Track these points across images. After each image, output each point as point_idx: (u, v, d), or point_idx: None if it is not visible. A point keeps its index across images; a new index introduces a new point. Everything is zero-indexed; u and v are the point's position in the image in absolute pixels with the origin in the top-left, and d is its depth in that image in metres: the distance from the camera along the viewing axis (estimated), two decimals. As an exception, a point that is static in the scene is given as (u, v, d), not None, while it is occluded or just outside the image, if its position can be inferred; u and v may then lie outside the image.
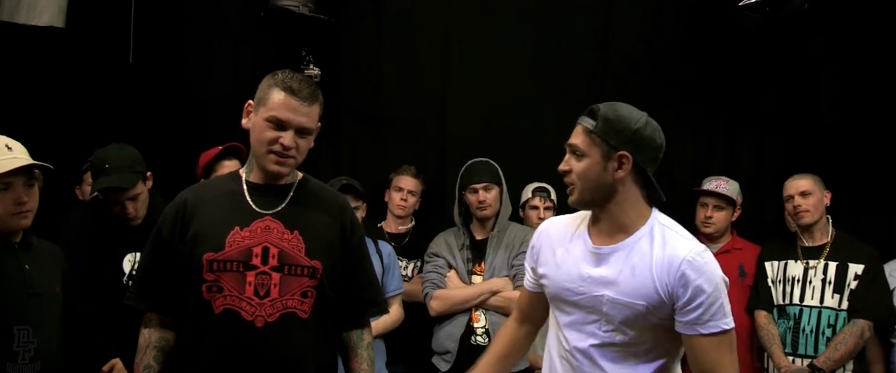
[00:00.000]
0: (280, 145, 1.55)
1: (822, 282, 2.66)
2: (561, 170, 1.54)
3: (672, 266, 1.44)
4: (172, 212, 1.63)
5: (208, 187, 1.72)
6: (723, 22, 3.21)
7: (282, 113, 1.55)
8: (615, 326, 1.49)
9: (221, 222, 1.58)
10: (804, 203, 2.69)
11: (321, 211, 1.65)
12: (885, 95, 3.08)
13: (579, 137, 1.52)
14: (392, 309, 2.67)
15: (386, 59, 3.38)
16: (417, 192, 3.01)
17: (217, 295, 1.54)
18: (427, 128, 3.36)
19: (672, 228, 1.52)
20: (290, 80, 1.58)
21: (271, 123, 1.55)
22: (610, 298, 1.48)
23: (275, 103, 1.55)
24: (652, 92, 3.27)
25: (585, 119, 1.53)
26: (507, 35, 3.32)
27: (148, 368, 1.60)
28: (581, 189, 1.51)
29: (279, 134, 1.56)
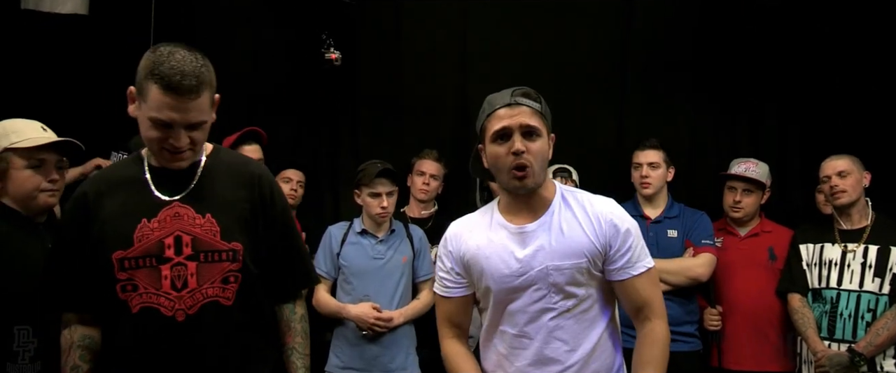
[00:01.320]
0: (170, 145, 1.42)
1: (862, 265, 2.57)
2: (517, 149, 1.51)
3: (601, 218, 1.57)
4: (72, 209, 1.50)
5: (108, 177, 1.54)
6: (745, 2, 3.11)
7: (165, 114, 1.37)
8: (564, 292, 1.55)
9: (126, 216, 1.45)
10: (841, 183, 2.60)
11: (234, 186, 1.52)
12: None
13: (534, 118, 1.54)
14: (423, 294, 2.67)
15: (406, 42, 3.36)
16: (440, 176, 2.98)
17: (133, 294, 1.44)
18: (447, 112, 3.34)
19: (579, 192, 1.64)
20: (169, 70, 1.35)
21: (155, 123, 1.40)
22: (554, 266, 1.54)
23: (154, 103, 1.37)
24: (674, 75, 3.21)
25: (530, 101, 1.55)
26: (527, 18, 3.28)
27: (76, 368, 1.49)
28: (537, 171, 1.53)
29: (166, 134, 1.41)
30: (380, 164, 2.58)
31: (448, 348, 1.70)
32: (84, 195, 1.49)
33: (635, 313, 1.61)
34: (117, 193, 1.48)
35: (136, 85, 1.41)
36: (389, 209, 2.57)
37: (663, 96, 3.22)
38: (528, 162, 1.51)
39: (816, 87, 3.12)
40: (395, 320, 2.54)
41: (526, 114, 1.53)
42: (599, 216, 1.57)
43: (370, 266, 2.59)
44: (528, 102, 1.55)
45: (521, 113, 1.53)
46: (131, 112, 1.45)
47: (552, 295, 1.55)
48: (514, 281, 1.56)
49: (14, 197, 1.86)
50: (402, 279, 2.62)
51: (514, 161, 1.51)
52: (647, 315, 1.59)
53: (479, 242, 1.61)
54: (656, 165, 2.80)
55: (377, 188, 2.53)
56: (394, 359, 2.54)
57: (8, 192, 1.86)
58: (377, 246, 2.62)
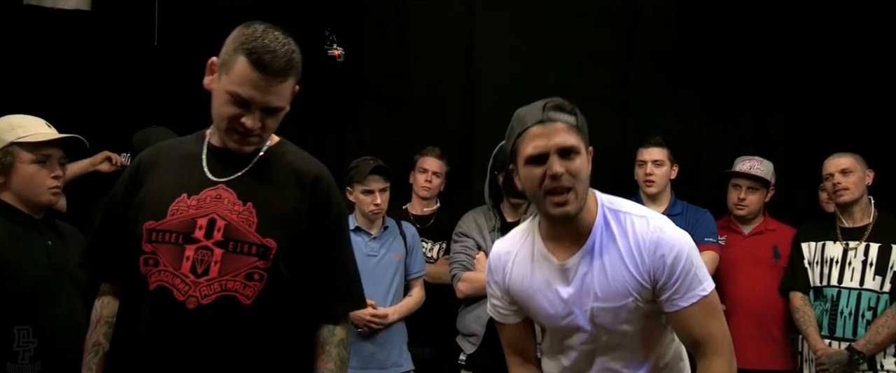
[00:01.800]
0: (242, 125, 1.33)
1: (863, 263, 2.57)
2: (555, 172, 1.32)
3: (644, 251, 1.38)
4: (127, 173, 1.46)
5: (167, 148, 1.48)
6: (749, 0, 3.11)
7: (246, 91, 1.29)
8: (614, 329, 1.43)
9: (169, 188, 1.37)
10: (844, 181, 2.60)
11: (288, 182, 1.40)
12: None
13: (571, 135, 1.35)
14: (415, 291, 2.67)
15: (409, 38, 3.35)
16: (442, 173, 2.98)
17: (153, 269, 1.34)
18: (451, 109, 3.33)
19: (621, 209, 1.44)
20: (262, 48, 1.29)
21: (233, 99, 1.31)
22: (599, 308, 1.41)
23: (239, 76, 1.29)
24: (678, 73, 3.20)
25: (561, 115, 1.36)
26: (532, 15, 3.26)
27: (97, 346, 1.41)
28: (581, 194, 1.35)
29: (241, 112, 1.31)
30: (372, 160, 2.57)
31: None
32: (139, 162, 1.45)
33: (692, 348, 1.43)
34: (169, 166, 1.41)
35: (220, 56, 1.34)
36: (382, 206, 2.57)
37: (668, 94, 3.22)
38: (571, 184, 1.33)
39: (820, 86, 3.11)
40: (390, 316, 2.54)
41: (562, 131, 1.34)
42: (642, 247, 1.38)
43: (364, 264, 2.55)
44: (563, 116, 1.36)
45: (555, 130, 1.34)
46: (207, 84, 1.37)
47: (602, 333, 1.44)
48: (560, 322, 1.46)
49: (18, 192, 1.85)
50: (395, 276, 2.62)
51: (553, 185, 1.33)
52: (703, 351, 1.40)
53: (523, 275, 1.47)
54: (660, 163, 2.80)
55: (370, 185, 2.52)
56: (389, 356, 2.55)
57: (11, 187, 1.85)
58: (371, 243, 2.61)
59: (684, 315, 1.39)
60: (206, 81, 1.37)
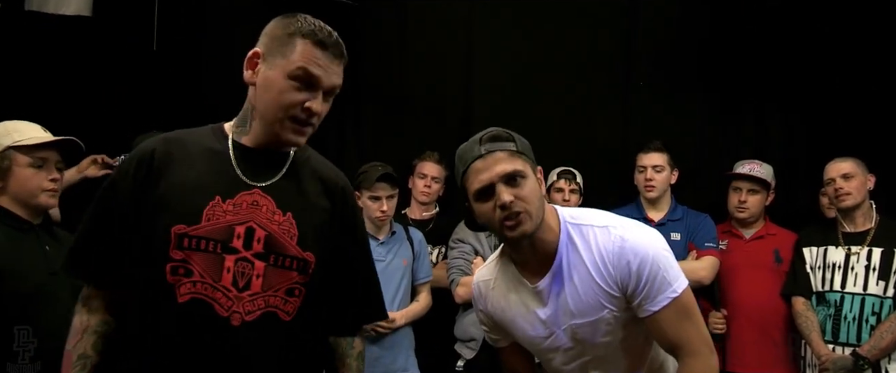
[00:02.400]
0: (306, 111, 1.24)
1: (866, 268, 2.56)
2: (505, 202, 1.32)
3: (609, 261, 1.38)
4: (135, 164, 1.27)
5: (182, 140, 1.32)
6: (750, 2, 3.10)
7: (314, 68, 1.23)
8: (596, 342, 1.45)
9: (199, 188, 1.24)
10: (846, 186, 2.58)
11: (318, 191, 1.34)
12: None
13: (513, 161, 1.34)
14: (421, 296, 2.68)
15: (409, 44, 3.36)
16: (441, 178, 2.98)
17: (184, 279, 1.21)
18: (450, 113, 3.33)
19: (584, 222, 1.43)
20: (319, 30, 1.26)
21: (297, 82, 1.23)
22: (577, 325, 1.42)
23: (303, 56, 1.23)
24: (679, 74, 3.20)
25: (500, 144, 1.36)
26: (532, 19, 3.27)
27: (84, 358, 1.26)
28: (534, 214, 1.35)
29: (306, 96, 1.24)
30: (381, 167, 2.57)
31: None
32: (151, 153, 1.27)
33: (671, 352, 1.42)
34: (193, 161, 1.27)
35: (264, 46, 1.27)
36: (389, 213, 2.58)
37: (668, 98, 3.21)
38: (522, 208, 1.34)
39: (820, 89, 3.11)
40: (398, 321, 2.54)
41: (502, 160, 1.34)
42: (606, 258, 1.38)
43: None
44: (501, 144, 1.36)
45: (496, 161, 1.34)
46: (249, 78, 1.28)
47: (584, 348, 1.46)
48: (543, 343, 1.48)
49: (15, 196, 1.86)
50: (402, 282, 2.62)
51: (504, 214, 1.33)
52: (681, 354, 1.39)
53: (502, 302, 1.50)
54: (660, 168, 2.80)
55: (377, 192, 2.53)
56: (395, 360, 2.55)
57: (9, 191, 1.86)
58: (378, 248, 2.61)
59: (657, 319, 1.38)
60: (248, 76, 1.28)
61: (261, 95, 1.27)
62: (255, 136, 1.30)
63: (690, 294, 1.41)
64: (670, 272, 1.39)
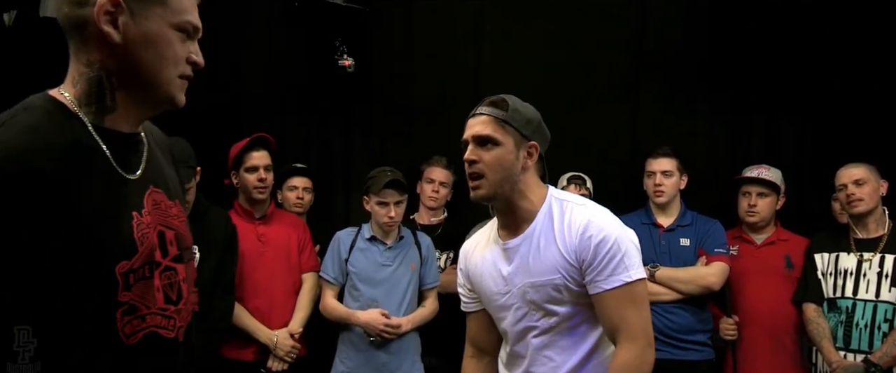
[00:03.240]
0: (195, 63, 1.06)
1: (878, 275, 2.53)
2: (467, 159, 1.47)
3: (573, 230, 1.45)
4: (14, 193, 0.88)
5: (49, 143, 0.94)
6: (763, 5, 3.09)
7: (195, 18, 1.05)
8: (544, 310, 1.49)
9: (114, 207, 0.98)
10: (858, 192, 2.56)
11: (171, 162, 1.18)
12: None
13: (490, 127, 1.47)
14: (428, 302, 2.68)
15: (418, 48, 3.37)
16: (449, 183, 2.98)
17: (132, 319, 0.99)
18: (459, 118, 3.30)
19: (569, 200, 1.53)
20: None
21: (181, 33, 1.03)
22: (529, 283, 1.48)
23: (184, 3, 1.03)
24: (689, 78, 3.19)
25: (491, 109, 1.49)
26: (540, 22, 3.27)
27: None
28: (492, 181, 1.46)
29: (190, 48, 1.05)
30: (390, 172, 2.58)
31: (463, 366, 1.70)
32: (40, 173, 0.90)
33: (611, 335, 1.47)
34: (82, 171, 0.95)
35: (124, 2, 0.98)
36: (397, 218, 2.58)
37: (678, 103, 3.20)
38: (480, 171, 1.46)
39: (832, 94, 3.08)
40: (404, 326, 2.55)
41: (482, 122, 1.48)
42: (572, 228, 1.46)
43: (378, 273, 2.60)
44: (490, 110, 1.49)
45: (478, 122, 1.49)
46: (112, 36, 0.98)
47: (532, 313, 1.50)
48: (499, 299, 1.54)
49: None
50: (409, 287, 2.63)
51: (468, 170, 1.49)
52: (618, 337, 1.44)
53: (477, 261, 1.60)
54: (669, 174, 2.79)
55: (385, 198, 2.54)
56: (400, 366, 2.55)
57: None
58: (386, 253, 2.62)
59: (605, 297, 1.43)
60: (109, 32, 0.98)
61: (139, 54, 0.99)
62: (127, 112, 1.02)
63: (645, 288, 1.48)
64: (629, 259, 1.45)
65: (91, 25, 0.98)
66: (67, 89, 1.02)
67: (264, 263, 2.62)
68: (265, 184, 2.65)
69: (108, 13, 0.98)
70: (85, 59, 1.01)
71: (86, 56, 1.00)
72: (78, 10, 0.98)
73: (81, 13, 0.98)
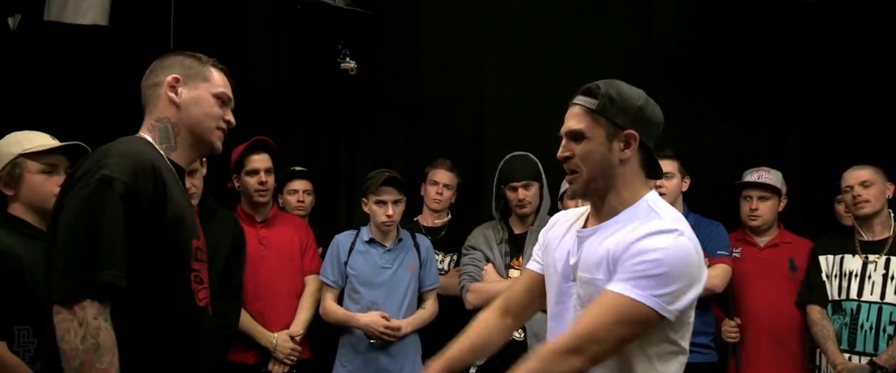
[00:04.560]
0: (227, 122, 1.55)
1: (884, 277, 2.52)
2: (561, 156, 1.43)
3: (635, 234, 1.30)
4: (148, 176, 1.35)
5: (153, 157, 1.43)
6: (768, 6, 3.08)
7: (229, 92, 1.56)
8: (586, 307, 1.37)
9: (187, 205, 1.49)
10: (864, 193, 2.55)
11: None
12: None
13: (579, 119, 1.40)
14: (428, 304, 2.67)
15: (422, 51, 3.37)
16: (453, 185, 2.98)
17: (200, 287, 1.45)
18: (463, 121, 3.34)
19: (657, 210, 1.36)
20: (217, 62, 1.58)
21: (219, 100, 1.53)
22: (582, 277, 1.39)
23: (217, 80, 1.54)
24: (694, 80, 3.18)
25: (583, 99, 1.41)
26: (545, 25, 3.27)
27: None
28: (587, 175, 1.38)
29: (225, 111, 1.55)
30: (387, 172, 2.58)
31: (480, 315, 1.61)
32: (156, 169, 1.37)
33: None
34: (173, 181, 1.45)
35: (182, 75, 1.51)
36: (395, 218, 2.57)
37: (682, 105, 3.19)
38: (576, 167, 1.40)
39: (836, 96, 3.08)
40: (404, 328, 2.55)
41: (573, 116, 1.42)
42: (637, 232, 1.31)
43: (378, 275, 2.60)
44: (583, 99, 1.41)
45: (571, 115, 1.43)
46: (171, 98, 1.49)
47: (578, 307, 1.40)
48: (562, 285, 1.44)
49: (28, 202, 1.90)
50: (408, 289, 2.62)
51: (564, 166, 1.44)
52: (568, 329, 1.34)
53: (559, 232, 1.52)
54: (671, 175, 2.78)
55: (383, 196, 2.54)
56: (401, 368, 2.55)
57: (21, 198, 1.90)
58: (385, 255, 2.62)
59: (599, 295, 1.30)
60: (171, 95, 1.49)
61: (190, 111, 1.50)
62: (183, 151, 1.52)
63: (638, 315, 1.27)
64: (657, 286, 1.26)
65: (162, 93, 1.50)
66: (145, 133, 1.51)
67: (266, 266, 2.63)
68: (266, 187, 2.65)
69: (171, 86, 1.50)
70: (156, 114, 1.50)
71: (156, 114, 1.50)
72: (153, 89, 1.51)
73: (154, 90, 1.51)
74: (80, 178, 1.33)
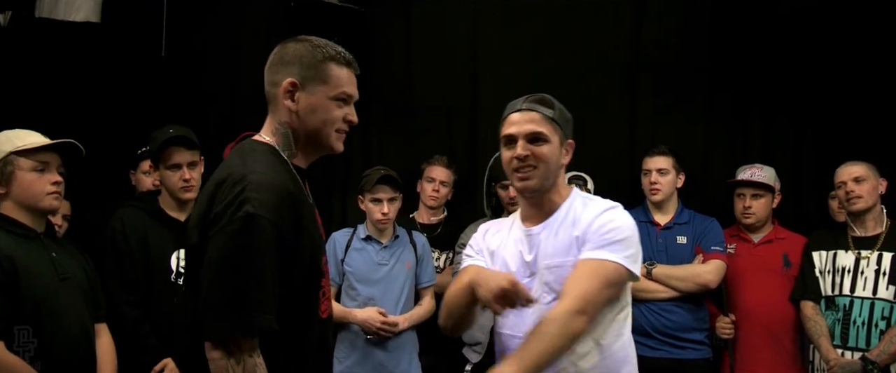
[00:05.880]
0: (348, 122, 1.46)
1: (876, 273, 2.54)
2: (520, 155, 1.53)
3: (590, 213, 1.53)
4: (289, 209, 1.34)
5: (283, 174, 1.41)
6: (759, 6, 3.10)
7: (350, 89, 1.45)
8: (555, 292, 1.51)
9: (313, 218, 1.45)
10: (857, 189, 2.57)
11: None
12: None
13: (539, 124, 1.55)
14: (425, 300, 2.68)
15: (416, 48, 3.37)
16: (449, 182, 2.98)
17: (324, 300, 1.47)
18: (458, 118, 3.34)
19: (591, 198, 1.62)
20: (344, 52, 1.46)
21: (340, 101, 1.44)
22: (545, 265, 1.53)
23: (342, 78, 1.43)
24: (686, 78, 3.19)
25: (538, 107, 1.57)
26: (538, 23, 3.27)
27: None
28: (543, 174, 1.54)
29: (347, 110, 1.46)
30: (383, 170, 2.59)
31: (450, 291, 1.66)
32: (290, 195, 1.36)
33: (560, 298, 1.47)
34: (299, 192, 1.41)
35: (299, 75, 1.41)
36: (390, 215, 2.59)
37: (676, 103, 3.20)
38: (534, 163, 1.54)
39: (830, 93, 3.09)
40: (401, 325, 2.56)
41: (534, 120, 1.55)
42: (590, 211, 1.54)
43: (374, 272, 2.61)
44: (540, 107, 1.57)
45: (529, 119, 1.55)
46: (290, 107, 1.41)
47: (544, 295, 1.53)
48: (520, 280, 1.52)
49: (20, 200, 1.89)
50: (405, 285, 2.63)
51: (518, 165, 1.55)
52: (560, 298, 1.44)
53: (499, 239, 1.65)
54: (665, 172, 2.79)
55: (378, 194, 2.55)
56: (398, 364, 2.57)
57: (12, 196, 1.89)
58: (381, 252, 2.63)
59: (577, 265, 1.48)
60: (289, 104, 1.42)
61: (308, 119, 1.44)
62: (305, 156, 1.49)
63: (618, 276, 1.48)
64: (624, 249, 1.49)
65: (280, 97, 1.43)
66: (268, 135, 1.46)
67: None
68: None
69: (287, 91, 1.42)
70: (278, 118, 1.45)
71: (278, 117, 1.45)
72: (273, 89, 1.44)
73: (274, 91, 1.44)
74: (223, 212, 1.29)
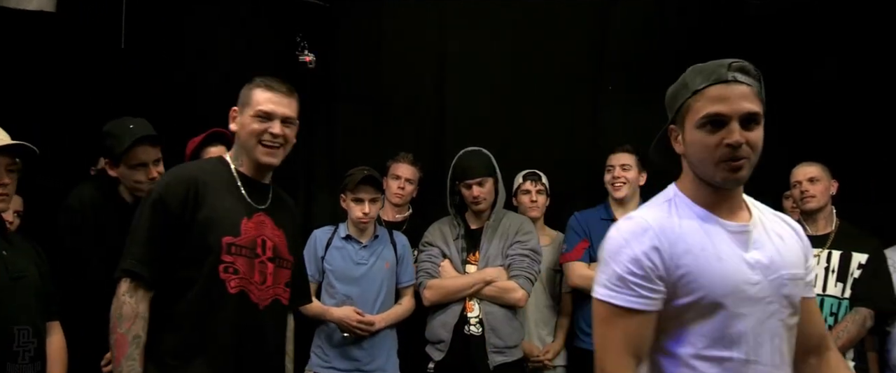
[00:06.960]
0: (269, 134, 1.73)
1: (826, 270, 2.64)
2: (735, 141, 1.18)
3: (795, 228, 1.33)
4: (182, 187, 1.68)
5: (207, 171, 1.77)
6: (723, 9, 3.17)
7: (266, 106, 1.74)
8: (794, 307, 1.26)
9: (232, 209, 1.72)
10: (812, 189, 2.67)
11: (290, 213, 1.91)
12: (886, 84, 3.04)
13: (756, 102, 1.21)
14: (404, 300, 2.70)
15: (383, 45, 3.35)
16: (415, 179, 2.97)
17: (233, 276, 1.67)
18: (424, 115, 3.34)
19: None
20: (268, 79, 1.77)
21: (259, 118, 1.73)
22: (789, 274, 1.24)
23: (259, 100, 1.74)
24: (650, 76, 3.22)
25: (747, 78, 1.22)
26: (505, 21, 3.30)
27: (137, 338, 1.62)
28: (753, 165, 1.22)
29: (267, 125, 1.73)
30: (367, 170, 2.61)
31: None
32: (195, 180, 1.70)
33: (812, 345, 1.34)
34: (219, 189, 1.73)
35: (238, 105, 1.78)
36: (372, 215, 2.60)
37: (640, 103, 3.25)
38: (747, 154, 1.20)
39: (787, 96, 3.18)
40: (377, 324, 2.56)
41: (747, 96, 1.20)
42: (794, 225, 1.34)
43: (353, 271, 2.62)
44: (749, 80, 1.22)
45: (741, 95, 1.19)
46: (233, 129, 1.80)
47: (782, 310, 1.24)
48: (750, 290, 1.21)
49: None
50: (384, 285, 2.64)
51: (730, 154, 1.19)
52: (826, 346, 1.37)
53: (698, 240, 1.22)
54: (628, 167, 2.83)
55: (360, 194, 2.57)
56: (373, 360, 2.58)
57: None
58: (361, 251, 2.64)
59: (810, 305, 1.34)
60: (232, 127, 1.79)
61: (240, 135, 1.78)
62: (248, 165, 1.79)
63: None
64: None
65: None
66: (231, 150, 1.84)
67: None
68: None
69: (232, 117, 1.81)
70: (236, 136, 1.81)
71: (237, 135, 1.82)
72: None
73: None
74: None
